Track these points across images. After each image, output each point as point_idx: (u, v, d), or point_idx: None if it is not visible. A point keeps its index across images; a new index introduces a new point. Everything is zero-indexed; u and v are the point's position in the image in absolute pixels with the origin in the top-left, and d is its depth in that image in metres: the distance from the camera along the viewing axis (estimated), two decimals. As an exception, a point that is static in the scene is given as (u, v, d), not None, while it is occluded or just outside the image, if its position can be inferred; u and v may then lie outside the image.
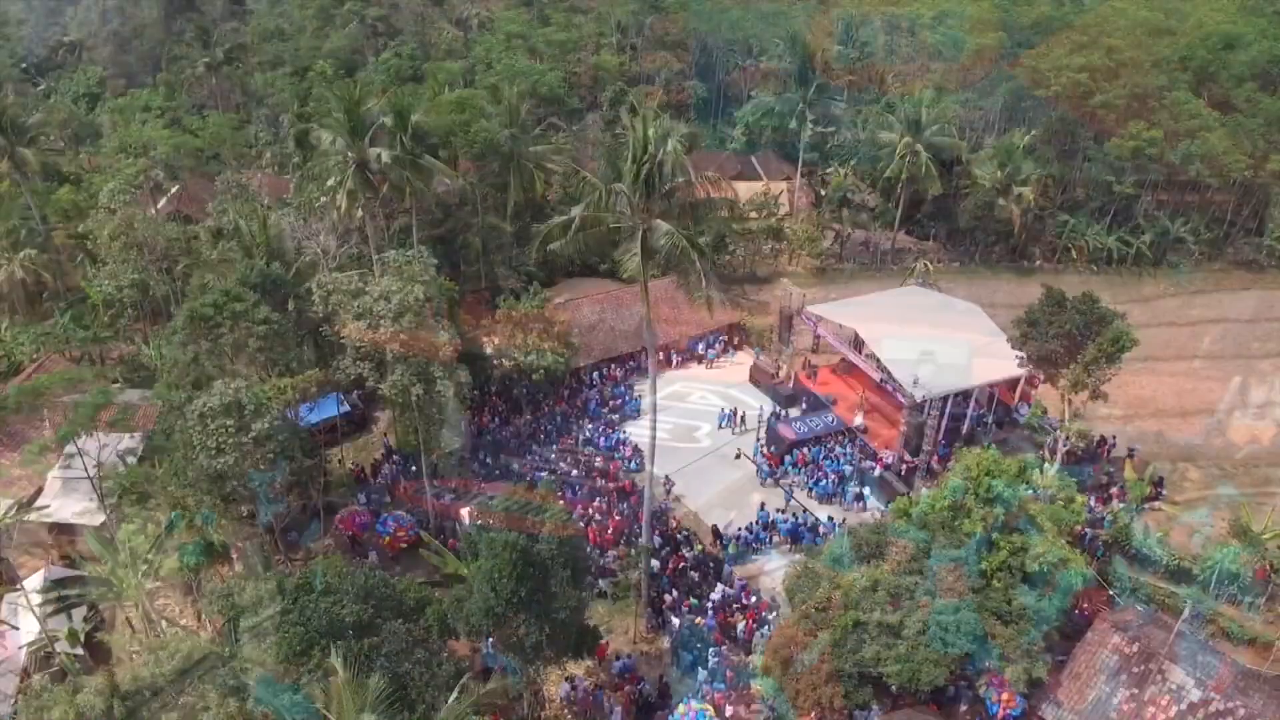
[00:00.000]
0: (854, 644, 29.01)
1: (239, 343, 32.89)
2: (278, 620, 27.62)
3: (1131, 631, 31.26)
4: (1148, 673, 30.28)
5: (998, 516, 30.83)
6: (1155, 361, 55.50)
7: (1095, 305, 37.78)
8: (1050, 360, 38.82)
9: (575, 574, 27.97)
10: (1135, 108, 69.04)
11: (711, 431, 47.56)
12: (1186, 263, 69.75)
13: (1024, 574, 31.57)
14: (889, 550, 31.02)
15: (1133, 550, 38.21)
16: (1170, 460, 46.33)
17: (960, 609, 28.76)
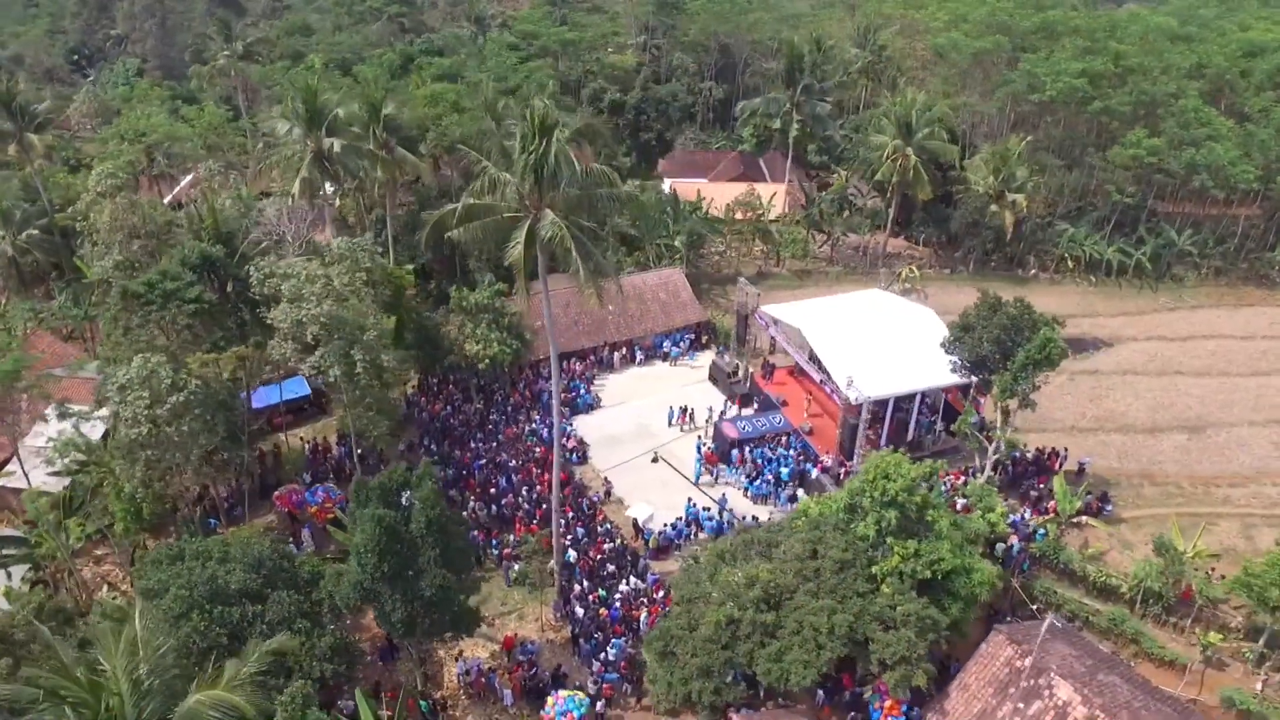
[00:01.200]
0: (728, 640, 29.03)
1: (170, 320, 34.12)
2: (165, 585, 28.79)
3: (1026, 645, 30.59)
4: (1036, 688, 29.62)
5: (889, 520, 30.55)
6: (1136, 376, 54.23)
7: (1028, 310, 36.94)
8: (983, 365, 38.12)
9: (448, 554, 28.53)
10: (1142, 115, 67.28)
11: (661, 428, 47.71)
12: (1192, 277, 67.57)
13: (926, 580, 31.33)
14: (776, 550, 30.92)
15: (1061, 565, 37.36)
16: (1128, 476, 45.07)
17: (835, 612, 28.58)
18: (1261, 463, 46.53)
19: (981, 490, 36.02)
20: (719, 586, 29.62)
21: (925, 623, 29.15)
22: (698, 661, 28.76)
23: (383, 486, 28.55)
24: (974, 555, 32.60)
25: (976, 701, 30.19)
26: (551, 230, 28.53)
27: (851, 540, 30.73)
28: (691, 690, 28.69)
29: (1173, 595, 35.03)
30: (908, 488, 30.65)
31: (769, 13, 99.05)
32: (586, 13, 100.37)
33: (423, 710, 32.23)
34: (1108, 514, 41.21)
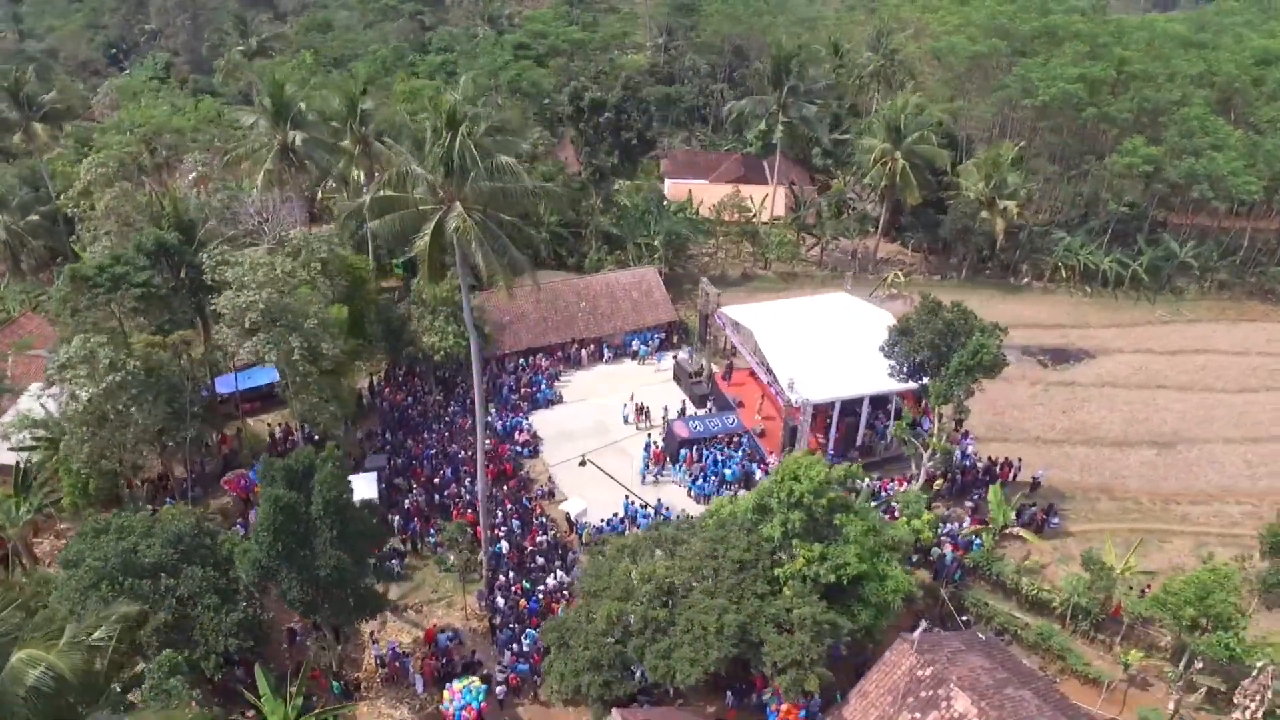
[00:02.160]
0: (620, 635, 29.16)
1: (118, 302, 35.33)
2: (81, 556, 29.85)
3: (929, 655, 30.18)
4: (935, 699, 29.18)
5: (794, 522, 30.40)
6: (1115, 388, 53.06)
7: (965, 315, 36.36)
8: (922, 370, 37.64)
9: (346, 536, 29.07)
10: (1144, 123, 65.72)
11: (617, 426, 47.91)
12: (1193, 289, 65.74)
13: (838, 585, 31.11)
14: (680, 547, 30.95)
15: (994, 576, 36.74)
16: (1086, 490, 44.13)
17: (727, 611, 28.53)
18: (1230, 481, 45.22)
19: (909, 497, 35.54)
20: (615, 581, 29.74)
21: (822, 627, 28.90)
22: (589, 654, 28.93)
23: (287, 468, 29.22)
24: (890, 562, 32.20)
25: (874, 710, 29.83)
26: (456, 223, 28.94)
27: (755, 541, 30.60)
28: (582, 683, 28.87)
29: (1100, 611, 34.23)
30: (815, 490, 30.44)
31: (785, 16, 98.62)
32: (604, 13, 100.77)
33: (334, 690, 32.93)
34: (1054, 526, 40.40)
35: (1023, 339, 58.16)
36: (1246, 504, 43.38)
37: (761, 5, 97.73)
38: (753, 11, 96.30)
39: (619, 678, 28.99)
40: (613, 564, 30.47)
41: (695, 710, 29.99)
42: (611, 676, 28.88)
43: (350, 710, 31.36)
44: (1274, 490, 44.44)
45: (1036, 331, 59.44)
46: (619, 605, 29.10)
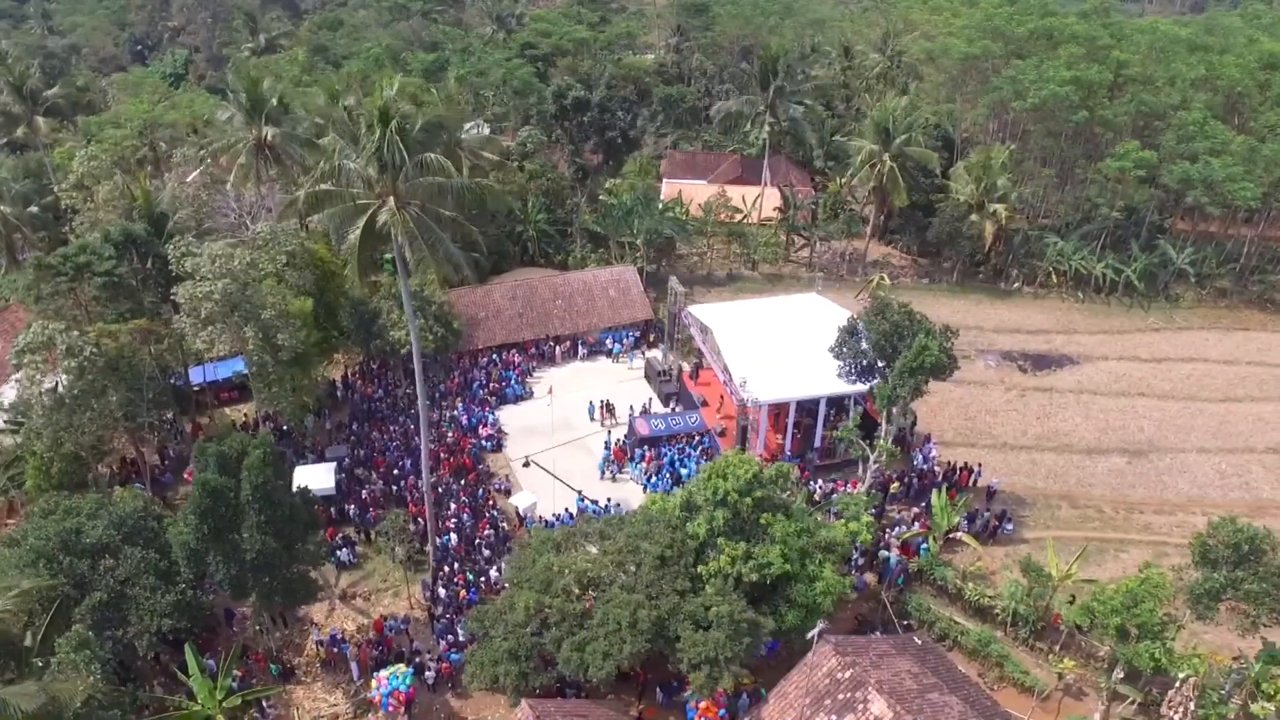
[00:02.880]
0: (537, 626, 29.47)
1: (81, 291, 36.38)
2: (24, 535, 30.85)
3: (850, 657, 30.09)
4: (852, 701, 29.10)
5: (718, 520, 30.51)
6: (1094, 395, 52.33)
7: (911, 316, 36.09)
8: (868, 372, 37.46)
9: (274, 522, 29.67)
10: (1141, 127, 64.67)
11: (583, 422, 48.21)
12: (1190, 297, 64.46)
13: (766, 585, 31.18)
14: (605, 542, 31.17)
15: (939, 582, 36.49)
16: (1048, 496, 43.62)
17: (642, 607, 28.70)
18: (1199, 491, 44.43)
19: (849, 499, 35.44)
20: (536, 573, 30.05)
21: (740, 626, 28.94)
22: (507, 645, 29.25)
23: (220, 453, 29.90)
24: (823, 564, 32.13)
25: (792, 710, 29.76)
26: (386, 216, 29.45)
27: (679, 538, 30.73)
28: (499, 673, 29.21)
29: (1037, 618, 33.88)
30: (740, 489, 30.57)
31: (795, 18, 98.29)
32: (615, 13, 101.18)
33: (273, 673, 33.64)
34: (1008, 533, 40.01)
35: (1006, 344, 57.85)
36: (1213, 514, 42.14)
37: (769, 6, 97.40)
38: (760, 12, 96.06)
39: (536, 669, 29.26)
40: (536, 556, 30.75)
41: (613, 705, 30.16)
42: (528, 668, 29.16)
43: (276, 692, 31.95)
44: (1243, 501, 43.60)
45: (1021, 337, 58.84)
46: (537, 597, 29.40)
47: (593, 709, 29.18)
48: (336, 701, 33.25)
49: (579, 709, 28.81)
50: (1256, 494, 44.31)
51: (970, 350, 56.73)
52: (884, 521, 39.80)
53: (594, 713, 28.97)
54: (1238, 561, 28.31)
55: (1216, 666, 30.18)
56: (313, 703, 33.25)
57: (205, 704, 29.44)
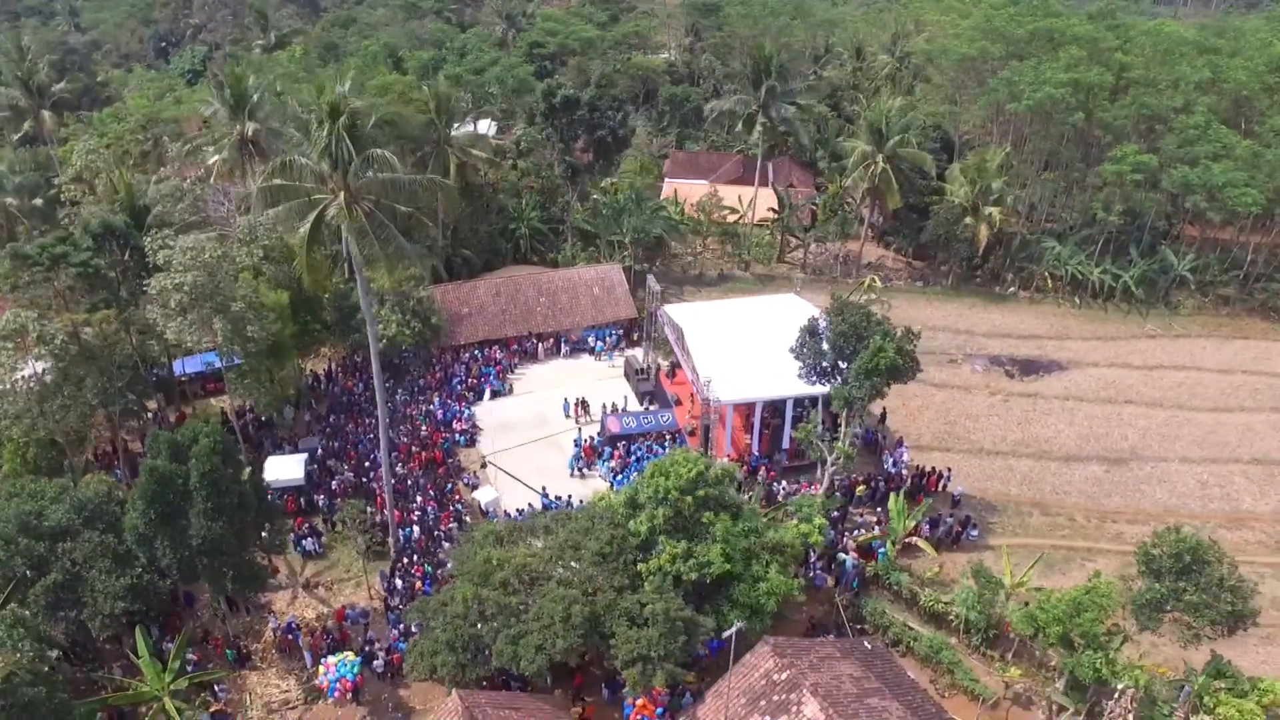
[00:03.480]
0: (475, 618, 29.72)
1: (56, 281, 37.28)
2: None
3: (788, 659, 30.00)
4: (786, 703, 29.02)
5: (658, 518, 30.59)
6: (1079, 402, 51.64)
7: (868, 317, 35.84)
8: (829, 373, 37.27)
9: (221, 508, 30.17)
10: (1143, 130, 63.65)
11: (558, 419, 48.45)
12: (1190, 304, 63.31)
13: (709, 583, 31.21)
14: (548, 536, 31.37)
15: (895, 586, 36.23)
16: (1019, 503, 43.13)
17: (576, 602, 28.84)
18: (1178, 501, 43.68)
19: (801, 501, 35.28)
20: (476, 565, 30.32)
21: (676, 624, 28.97)
22: (445, 636, 29.55)
23: (172, 440, 30.52)
24: (769, 565, 32.04)
25: (728, 710, 29.86)
26: (335, 211, 29.87)
27: (620, 534, 30.82)
28: (436, 663, 29.51)
29: (986, 625, 33.52)
30: (683, 487, 30.63)
31: (806, 18, 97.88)
32: (626, 13, 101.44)
33: (229, 658, 34.23)
34: (973, 539, 39.62)
35: (996, 349, 57.24)
36: (1187, 525, 41.61)
37: (779, 6, 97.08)
38: (769, 13, 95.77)
39: (473, 660, 29.51)
40: (478, 549, 31.01)
41: (552, 700, 30.31)
42: (465, 659, 29.42)
43: (223, 676, 32.48)
44: (1222, 513, 42.85)
45: (1012, 342, 58.15)
46: (475, 589, 29.66)
47: (528, 702, 29.37)
48: (289, 688, 33.72)
49: (513, 701, 29.02)
50: (1236, 505, 43.46)
51: (957, 354, 56.39)
52: (847, 524, 39.63)
53: (528, 706, 29.15)
54: (1180, 572, 27.83)
55: (1159, 679, 29.67)
56: (265, 688, 33.76)
57: (153, 685, 30.06)
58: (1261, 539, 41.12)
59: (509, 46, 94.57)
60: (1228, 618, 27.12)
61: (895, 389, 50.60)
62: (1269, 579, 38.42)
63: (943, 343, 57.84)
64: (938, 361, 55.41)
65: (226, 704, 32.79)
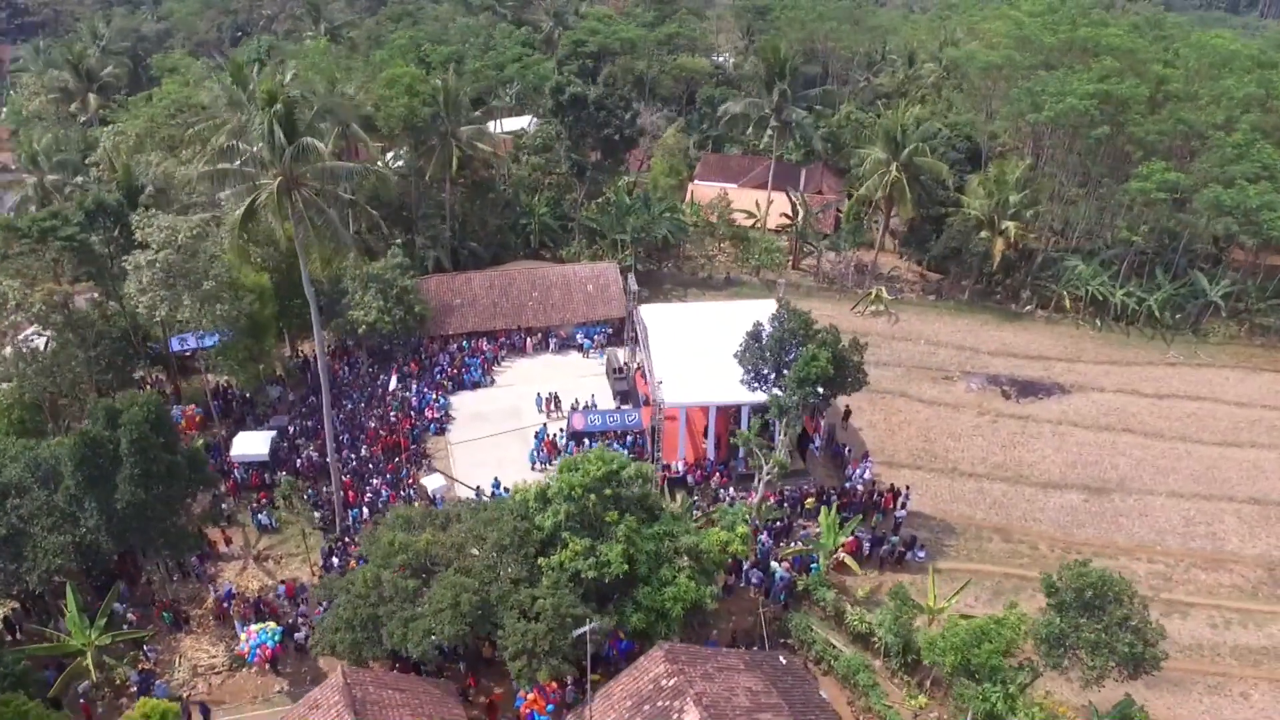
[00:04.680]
0: (375, 600, 30.30)
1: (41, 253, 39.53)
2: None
3: (679, 665, 29.64)
4: (668, 709, 28.74)
5: (561, 514, 30.66)
6: (1074, 427, 49.57)
7: (805, 324, 35.05)
8: (766, 380, 36.63)
9: (151, 476, 31.49)
10: (1178, 147, 60.54)
11: (531, 412, 48.88)
12: (1220, 331, 59.91)
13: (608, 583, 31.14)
14: (456, 524, 31.75)
15: (821, 603, 35.42)
16: (982, 527, 41.60)
17: (466, 590, 29.14)
18: (1155, 536, 41.45)
19: (726, 509, 34.76)
20: (381, 548, 30.92)
21: (565, 621, 29.01)
22: (345, 614, 30.24)
23: (109, 408, 32.03)
24: (681, 570, 31.77)
25: (613, 712, 29.59)
26: (265, 197, 30.85)
27: (525, 527, 30.98)
28: (335, 640, 30.22)
29: (903, 650, 32.45)
30: (588, 484, 30.63)
31: (856, 23, 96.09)
32: (674, 14, 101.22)
33: (165, 620, 35.70)
34: (919, 560, 38.37)
35: (999, 368, 55.29)
36: (1160, 562, 39.69)
37: (828, 11, 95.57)
38: (817, 17, 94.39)
39: (368, 640, 30.08)
40: (387, 531, 31.59)
41: (440, 684, 30.64)
42: (361, 637, 30.03)
43: (146, 635, 33.79)
44: (1202, 552, 40.46)
45: (1017, 361, 56.03)
46: (376, 570, 30.27)
47: (416, 684, 29.78)
48: (217, 654, 34.97)
49: (400, 683, 29.47)
50: (1220, 545, 40.97)
51: (954, 371, 54.67)
52: (793, 537, 38.94)
53: (416, 689, 29.55)
54: (1082, 607, 26.46)
55: (1060, 718, 28.30)
56: (196, 652, 35.07)
57: (77, 638, 31.61)
58: (1238, 583, 38.67)
59: (555, 43, 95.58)
60: (1127, 660, 25.63)
61: (879, 403, 50.60)
62: (1234, 625, 36.23)
63: (943, 358, 56.24)
64: (932, 377, 53.99)
65: (156, 664, 34.22)
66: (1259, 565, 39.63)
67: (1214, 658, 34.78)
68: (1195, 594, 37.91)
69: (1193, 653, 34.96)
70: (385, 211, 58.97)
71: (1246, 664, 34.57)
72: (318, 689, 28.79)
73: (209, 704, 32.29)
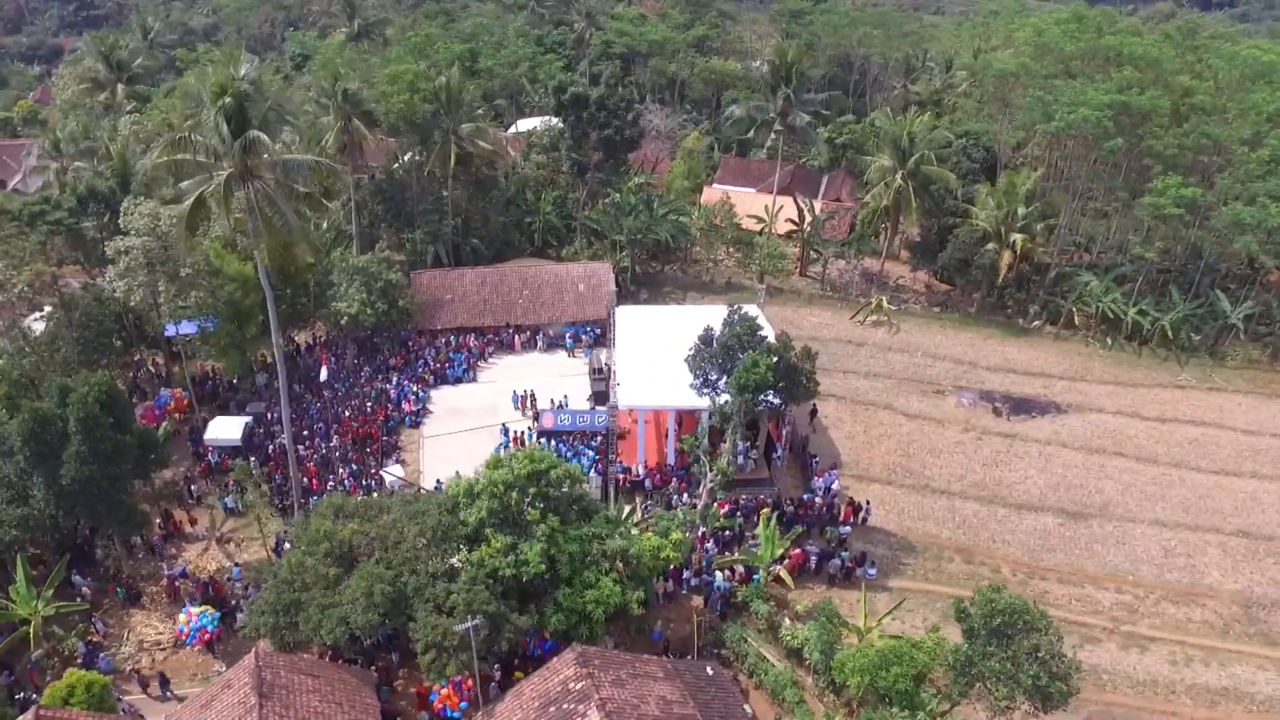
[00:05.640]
0: (299, 586, 30.74)
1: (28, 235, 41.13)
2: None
3: (588, 669, 29.40)
4: (572, 714, 28.53)
5: (481, 511, 30.72)
6: (1063, 448, 48.03)
7: (751, 331, 34.43)
8: (715, 384, 36.12)
9: (98, 454, 32.45)
10: (1202, 162, 58.10)
11: (508, 409, 49.09)
12: (1238, 354, 57.27)
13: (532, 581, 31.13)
14: (384, 515, 32.05)
15: (756, 615, 34.78)
16: (944, 546, 40.40)
17: (380, 581, 29.36)
18: (1127, 565, 39.72)
19: (662, 515, 34.35)
20: (309, 536, 31.35)
21: (478, 617, 29.01)
22: (269, 598, 30.77)
23: (63, 387, 33.14)
24: (606, 572, 31.57)
25: (520, 712, 29.52)
26: (211, 188, 31.55)
27: (449, 522, 31.10)
28: (260, 623, 30.75)
29: (827, 667, 31.63)
30: (510, 481, 30.66)
31: (887, 29, 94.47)
32: (707, 15, 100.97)
33: (118, 594, 36.77)
34: (869, 578, 37.38)
35: (996, 383, 53.74)
36: (1128, 593, 38.01)
37: (862, 17, 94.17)
38: (850, 23, 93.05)
39: (290, 625, 30.53)
40: (317, 519, 32.01)
41: (356, 672, 30.91)
42: (284, 622, 30.50)
43: (87, 608, 34.79)
44: (1176, 584, 38.62)
45: (1016, 378, 54.37)
46: (301, 557, 30.73)
47: (332, 672, 30.08)
48: (163, 631, 35.88)
49: (315, 669, 29.79)
50: (1198, 577, 39.06)
51: (947, 385, 53.26)
52: (744, 546, 38.35)
53: (331, 676, 29.85)
54: (991, 635, 25.48)
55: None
56: (145, 628, 36.04)
57: (21, 608, 32.75)
58: (1209, 619, 36.82)
59: (586, 43, 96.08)
60: (1032, 692, 24.58)
61: (861, 414, 49.70)
62: (1195, 663, 34.50)
63: (938, 372, 54.85)
64: (922, 391, 52.67)
65: (106, 637, 35.28)
66: (1235, 602, 37.69)
67: (1168, 696, 33.19)
68: (1160, 628, 36.23)
69: (1146, 689, 33.43)
70: (387, 207, 60.12)
71: (1202, 704, 32.90)
72: (232, 669, 29.34)
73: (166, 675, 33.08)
